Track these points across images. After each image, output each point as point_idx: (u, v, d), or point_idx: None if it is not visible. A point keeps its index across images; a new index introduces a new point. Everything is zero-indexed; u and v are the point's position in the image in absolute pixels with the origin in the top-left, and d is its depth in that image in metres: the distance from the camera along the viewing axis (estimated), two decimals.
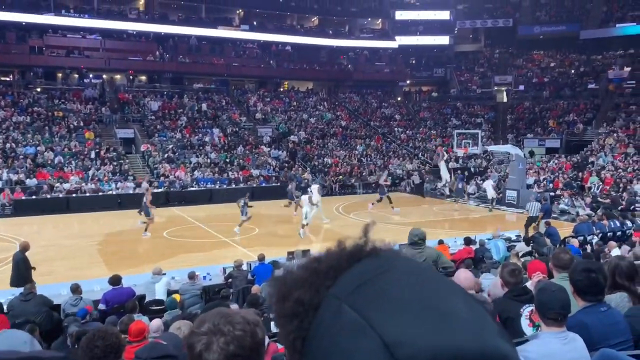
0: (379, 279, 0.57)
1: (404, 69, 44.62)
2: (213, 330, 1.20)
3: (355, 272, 0.59)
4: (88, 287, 9.67)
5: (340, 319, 0.54)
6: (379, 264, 0.60)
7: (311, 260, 0.65)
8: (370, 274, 0.58)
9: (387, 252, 0.63)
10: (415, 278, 0.57)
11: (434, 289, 0.55)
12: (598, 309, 3.09)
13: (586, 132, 33.74)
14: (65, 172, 24.45)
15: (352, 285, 0.57)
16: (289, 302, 0.61)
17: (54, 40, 33.63)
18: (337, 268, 0.61)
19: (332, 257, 0.63)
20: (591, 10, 42.97)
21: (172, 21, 38.14)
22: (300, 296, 0.60)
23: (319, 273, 0.61)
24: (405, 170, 30.63)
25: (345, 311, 0.54)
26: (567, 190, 23.63)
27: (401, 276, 0.57)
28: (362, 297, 0.54)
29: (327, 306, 0.57)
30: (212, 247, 15.57)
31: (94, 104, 31.10)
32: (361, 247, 0.64)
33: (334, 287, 0.59)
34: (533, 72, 43.02)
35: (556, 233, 13.02)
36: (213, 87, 37.54)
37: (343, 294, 0.56)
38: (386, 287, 0.55)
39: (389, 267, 0.58)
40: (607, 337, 3.00)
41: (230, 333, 1.20)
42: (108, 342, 3.14)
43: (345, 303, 0.55)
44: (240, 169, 27.96)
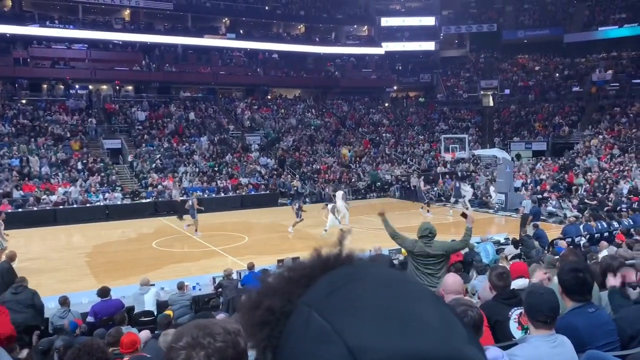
0: (349, 286, 0.56)
1: (390, 75, 44.83)
2: (192, 344, 1.15)
3: (327, 280, 0.59)
4: (76, 300, 9.56)
5: (309, 326, 0.54)
6: (351, 272, 0.60)
7: (285, 269, 0.64)
8: (341, 281, 0.57)
9: (361, 261, 0.63)
10: (385, 285, 0.56)
11: (402, 296, 0.55)
12: (586, 309, 3.11)
13: (572, 135, 34.09)
14: (51, 183, 24.22)
15: (323, 293, 0.57)
16: (260, 311, 0.61)
17: (39, 52, 33.39)
18: (309, 276, 0.61)
19: (306, 265, 0.63)
20: (574, 14, 43.54)
21: (158, 31, 38.05)
22: (272, 304, 0.60)
23: (291, 281, 0.61)
24: (394, 176, 30.71)
25: (314, 318, 0.54)
26: (554, 193, 23.82)
27: (371, 284, 0.57)
28: (331, 304, 0.54)
29: (298, 314, 0.57)
30: (201, 256, 15.47)
31: (80, 114, 30.88)
32: (335, 255, 0.63)
33: (305, 295, 0.58)
34: (518, 76, 43.43)
35: (544, 235, 13.12)
36: (200, 95, 37.45)
37: (313, 301, 0.56)
38: (354, 294, 0.55)
39: (360, 275, 0.58)
40: (595, 338, 3.01)
41: (210, 345, 1.15)
42: (95, 357, 3.11)
43: (314, 310, 0.55)
44: (229, 177, 27.87)
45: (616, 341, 3.04)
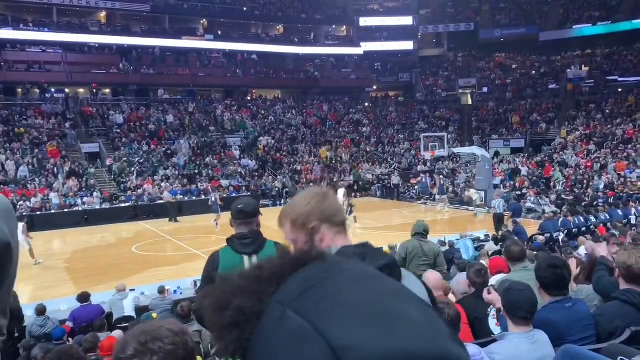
0: (325, 283, 0.55)
1: (370, 75, 45.01)
2: (142, 351, 1.12)
3: (300, 277, 0.57)
4: (55, 307, 9.41)
5: (284, 326, 0.52)
6: (324, 268, 0.58)
7: (253, 267, 0.61)
8: (315, 278, 0.56)
9: (333, 257, 0.61)
10: (363, 282, 0.55)
11: (383, 293, 0.53)
12: (563, 304, 3.15)
13: (549, 131, 34.58)
14: (28, 189, 23.80)
15: (296, 290, 0.55)
16: (229, 311, 0.57)
17: (13, 55, 32.81)
18: (280, 274, 0.59)
19: (276, 263, 0.61)
20: (549, 13, 44.19)
21: (135, 33, 37.66)
22: (241, 304, 0.57)
23: (261, 280, 0.59)
24: (374, 175, 30.82)
25: (290, 317, 0.52)
26: (532, 189, 24.13)
27: (349, 280, 0.55)
28: (307, 302, 0.52)
29: (270, 313, 0.54)
30: (182, 260, 15.33)
31: (56, 118, 30.39)
32: (306, 252, 0.61)
33: (277, 293, 0.56)
34: (496, 74, 43.92)
35: (524, 232, 13.26)
36: (179, 97, 37.16)
37: (287, 300, 0.54)
38: (333, 292, 0.53)
39: (335, 272, 0.56)
40: (572, 332, 3.05)
41: (162, 350, 1.13)
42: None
43: (289, 309, 0.53)
44: (209, 179, 27.69)
45: (593, 335, 3.08)
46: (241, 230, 3.19)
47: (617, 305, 3.13)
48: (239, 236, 3.15)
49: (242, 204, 3.24)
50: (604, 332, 3.08)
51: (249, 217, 3.20)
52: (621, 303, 3.11)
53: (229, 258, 3.09)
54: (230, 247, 3.13)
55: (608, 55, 40.06)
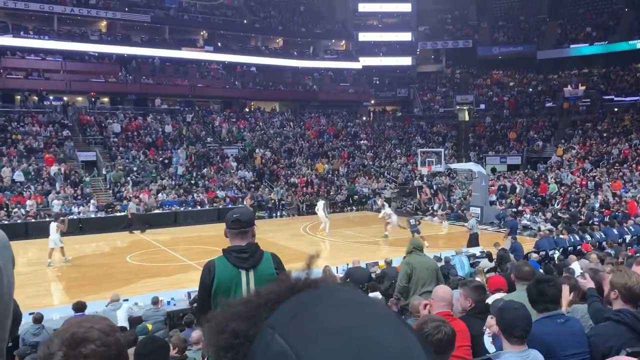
0: (312, 309, 0.57)
1: (368, 89, 45.23)
2: (73, 355, 1.06)
3: (292, 303, 0.60)
4: (48, 316, 9.32)
5: (270, 349, 0.54)
6: (316, 295, 0.61)
7: (252, 294, 0.65)
8: (305, 305, 0.58)
9: (326, 284, 0.64)
10: (347, 308, 0.56)
11: (364, 319, 0.55)
12: (554, 320, 3.18)
13: (545, 149, 34.73)
14: (23, 196, 23.71)
15: (287, 315, 0.57)
16: (225, 334, 0.62)
17: (12, 62, 32.85)
18: (275, 300, 0.62)
19: (272, 290, 0.64)
20: (546, 32, 44.61)
21: (135, 42, 37.81)
22: (236, 328, 0.61)
23: (257, 305, 0.62)
24: (371, 189, 30.84)
25: (276, 341, 0.54)
26: (528, 206, 24.19)
27: (333, 306, 0.57)
28: (293, 327, 0.55)
29: (262, 336, 0.57)
30: (176, 271, 15.28)
31: (54, 126, 30.38)
32: (301, 279, 0.65)
33: (270, 318, 0.59)
34: (493, 91, 44.19)
35: (520, 249, 13.28)
36: (177, 108, 37.22)
37: (277, 324, 0.57)
38: (315, 317, 0.55)
39: (324, 298, 0.59)
40: (563, 347, 3.06)
41: (94, 352, 1.07)
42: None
43: (277, 333, 0.55)
44: (205, 190, 27.65)
45: (585, 352, 3.08)
46: (236, 241, 3.16)
47: (610, 326, 3.14)
48: (237, 249, 3.12)
49: (238, 213, 3.23)
50: (597, 353, 3.08)
51: (244, 226, 3.18)
52: (614, 323, 3.12)
53: (225, 270, 3.06)
54: (226, 259, 3.11)
55: (605, 75, 40.40)
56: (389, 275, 10.75)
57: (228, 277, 3.03)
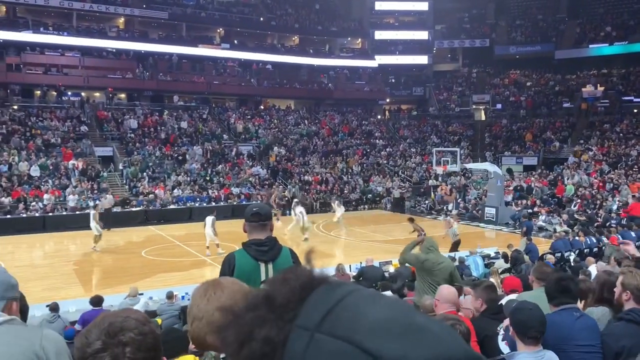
0: (345, 303, 0.56)
1: (383, 88, 45.09)
2: (113, 343, 1.11)
3: (316, 300, 0.58)
4: (64, 308, 9.46)
5: (319, 350, 0.52)
6: (335, 290, 0.59)
7: (259, 297, 0.62)
8: (333, 300, 0.57)
9: (334, 280, 0.62)
10: (377, 300, 0.57)
11: (400, 308, 0.56)
12: (571, 312, 3.20)
13: (562, 150, 34.37)
14: (41, 190, 24.04)
15: (318, 314, 0.56)
16: (256, 343, 0.57)
17: (32, 58, 33.28)
18: (294, 300, 0.59)
19: (284, 290, 0.61)
20: (565, 31, 44.08)
21: (153, 39, 38.09)
22: (267, 334, 0.57)
23: (277, 308, 0.59)
24: (385, 188, 30.77)
25: (323, 340, 0.53)
26: (544, 207, 23.96)
27: (364, 299, 0.57)
28: (337, 323, 0.54)
29: (296, 339, 0.55)
30: (190, 266, 15.40)
31: (72, 121, 30.75)
32: (311, 276, 0.63)
33: (298, 319, 0.57)
34: (510, 90, 43.80)
35: (535, 250, 13.17)
36: (193, 104, 37.44)
37: (311, 324, 0.55)
38: (358, 310, 0.55)
39: (346, 292, 0.58)
40: (578, 337, 3.05)
41: (133, 340, 1.12)
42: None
43: (317, 332, 0.54)
44: (220, 187, 27.80)
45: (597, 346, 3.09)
46: (255, 234, 3.20)
47: (622, 325, 3.14)
48: (256, 242, 3.16)
49: (257, 207, 3.28)
50: (610, 352, 3.08)
51: (263, 219, 3.21)
52: (626, 323, 3.12)
53: (245, 263, 3.11)
54: (246, 252, 3.15)
55: (624, 75, 39.81)
56: (403, 275, 10.74)
57: (247, 269, 3.07)
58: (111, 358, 1.09)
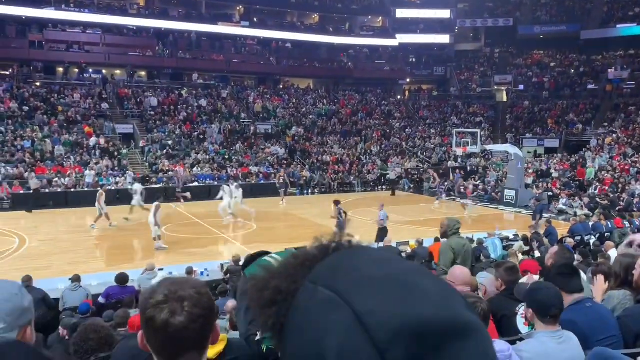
0: (351, 262, 0.61)
1: (404, 67, 44.59)
2: (173, 297, 1.23)
3: (329, 261, 0.64)
4: (85, 282, 9.67)
5: (315, 299, 0.58)
6: (352, 252, 0.65)
7: (289, 256, 0.70)
8: (342, 260, 0.63)
9: (360, 245, 0.69)
10: (385, 261, 0.61)
11: (402, 269, 0.59)
12: (583, 305, 3.16)
13: (585, 132, 33.78)
14: (64, 167, 24.42)
15: (326, 271, 0.61)
16: (268, 291, 0.66)
17: (54, 35, 33.55)
18: (312, 259, 0.66)
19: (309, 252, 0.69)
20: (592, 10, 42.97)
21: (173, 17, 38.06)
22: (278, 285, 0.65)
23: (296, 265, 0.67)
24: (403, 169, 30.63)
25: (320, 292, 0.58)
26: (565, 191, 23.67)
27: (371, 259, 0.61)
28: (334, 278, 0.59)
29: (304, 291, 0.61)
30: (209, 243, 15.58)
31: (93, 98, 31.04)
32: (335, 241, 0.69)
33: (310, 274, 0.63)
34: (533, 71, 43.02)
35: (555, 233, 13.03)
36: (213, 83, 37.49)
37: (318, 278, 0.61)
38: (356, 267, 0.59)
39: (360, 254, 0.64)
40: (595, 332, 3.03)
41: (191, 297, 1.24)
42: (101, 335, 3.17)
43: (320, 285, 0.59)
44: (239, 165, 27.94)
45: (617, 335, 3.06)
46: None
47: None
48: None
49: None
50: (630, 333, 3.07)
51: None
52: None
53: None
54: None
55: None
56: (420, 256, 10.73)
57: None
58: (170, 310, 1.21)
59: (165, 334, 1.21)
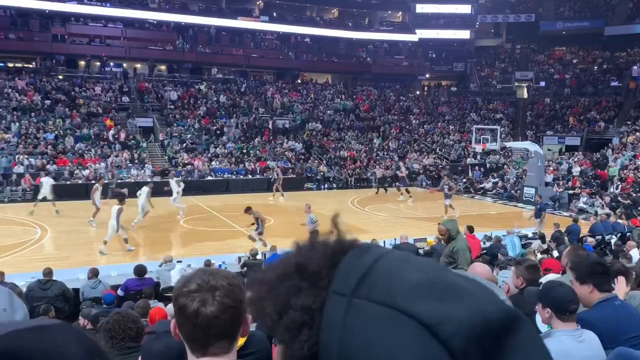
0: (379, 267, 0.56)
1: (423, 63, 44.27)
2: (206, 287, 1.27)
3: (348, 265, 0.58)
4: (105, 272, 9.80)
5: (360, 315, 0.52)
6: (366, 253, 0.59)
7: (289, 265, 0.62)
8: (365, 264, 0.56)
9: (363, 243, 0.62)
10: (411, 261, 0.57)
11: (434, 269, 0.56)
12: (612, 302, 3.12)
13: (607, 131, 33.24)
14: (84, 159, 24.76)
15: (352, 278, 0.55)
16: (294, 312, 0.57)
17: (76, 29, 33.96)
18: (327, 266, 0.59)
19: (314, 257, 0.61)
20: (616, 6, 42.18)
21: (193, 11, 38.26)
22: (305, 303, 0.57)
23: (309, 276, 0.59)
24: (422, 165, 30.45)
25: (363, 306, 0.52)
26: (586, 189, 23.34)
27: (398, 261, 0.57)
28: (374, 288, 0.53)
29: (333, 305, 0.55)
30: (226, 236, 15.69)
31: (114, 92, 31.39)
32: (340, 241, 0.63)
33: (333, 285, 0.56)
34: (554, 68, 42.42)
35: (577, 231, 12.84)
36: (232, 77, 37.63)
37: (347, 289, 0.54)
38: (393, 273, 0.54)
39: (378, 255, 0.58)
40: (625, 329, 3.00)
41: (223, 287, 1.28)
42: (138, 326, 3.26)
43: (355, 298, 0.53)
44: (256, 160, 28.06)
45: None
46: None
47: None
48: None
49: None
50: None
51: None
52: None
53: None
54: None
55: None
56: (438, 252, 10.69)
57: None
58: (201, 299, 1.25)
59: (196, 322, 1.24)
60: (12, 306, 1.20)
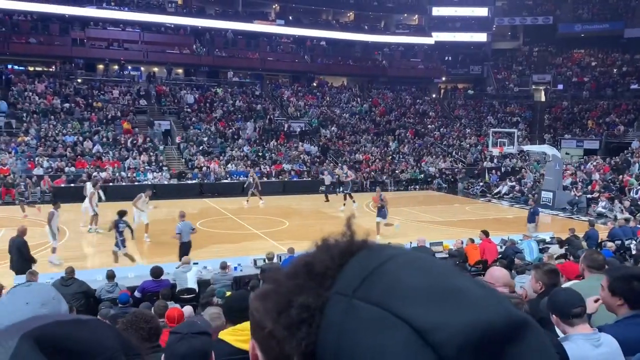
0: (384, 269, 0.55)
1: (439, 66, 44.10)
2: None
3: (354, 266, 0.57)
4: (122, 274, 9.89)
5: (355, 316, 0.52)
6: (375, 255, 0.58)
7: (299, 265, 0.62)
8: (371, 265, 0.56)
9: (376, 244, 0.61)
10: (418, 264, 0.55)
11: (440, 272, 0.54)
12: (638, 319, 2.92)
13: (627, 134, 32.78)
14: (102, 161, 25.05)
15: (355, 279, 0.55)
16: (294, 310, 0.57)
17: (95, 33, 34.42)
18: (332, 266, 0.58)
19: (323, 257, 0.61)
20: (636, 7, 41.62)
21: (209, 15, 38.57)
22: (304, 301, 0.57)
23: (315, 275, 0.59)
24: (437, 169, 30.30)
25: (360, 307, 0.52)
26: (605, 193, 23.02)
27: (404, 264, 0.55)
28: (373, 289, 0.53)
29: (334, 305, 0.54)
30: (242, 238, 15.75)
31: (131, 95, 31.73)
32: (351, 242, 0.62)
33: (335, 285, 0.56)
34: (573, 71, 41.97)
35: (595, 237, 12.68)
36: (248, 81, 37.83)
37: (348, 289, 0.54)
38: (395, 276, 0.53)
39: (387, 257, 0.56)
40: None
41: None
42: (151, 325, 3.26)
43: (355, 298, 0.53)
44: (272, 163, 28.14)
45: None
46: None
47: None
48: None
49: None
50: None
51: None
52: None
53: None
54: None
55: None
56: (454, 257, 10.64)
57: None
58: None
59: None
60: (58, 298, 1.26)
